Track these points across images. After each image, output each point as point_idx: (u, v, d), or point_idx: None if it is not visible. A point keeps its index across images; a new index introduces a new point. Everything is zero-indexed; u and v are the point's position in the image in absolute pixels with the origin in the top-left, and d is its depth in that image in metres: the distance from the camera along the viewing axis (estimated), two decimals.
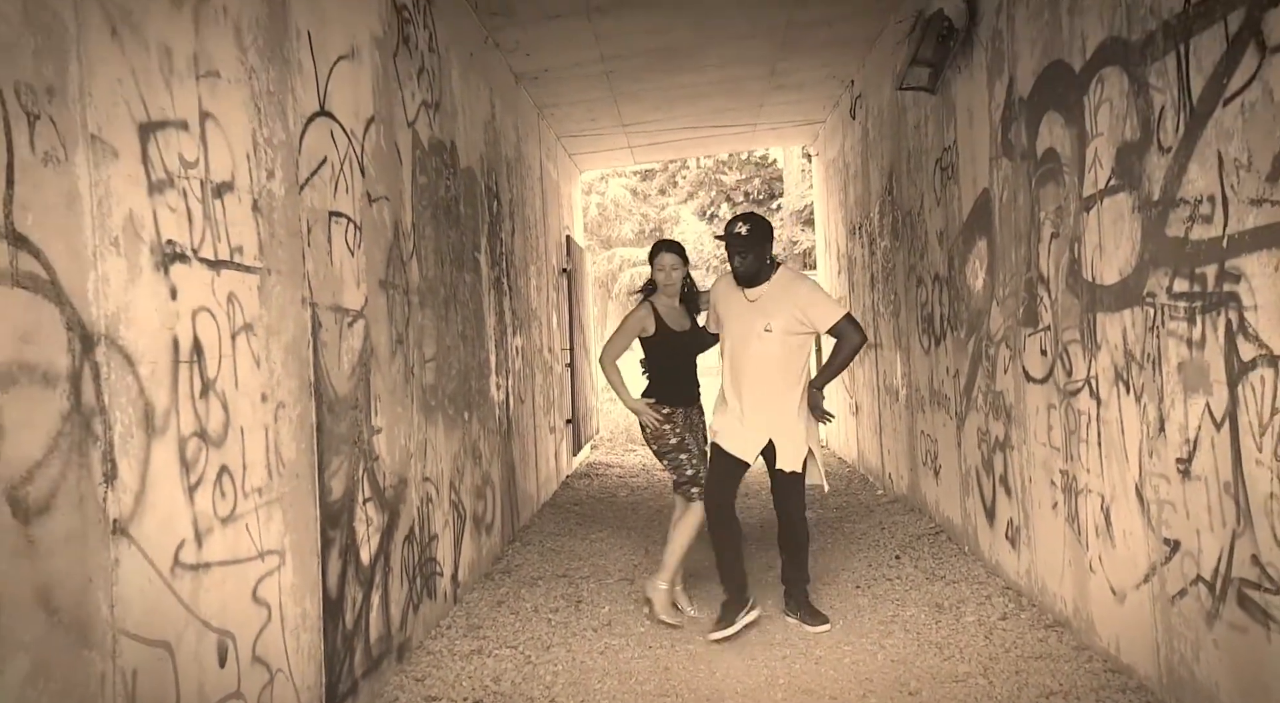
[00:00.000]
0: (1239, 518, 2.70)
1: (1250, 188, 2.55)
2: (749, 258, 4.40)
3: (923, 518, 6.57)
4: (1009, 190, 4.51)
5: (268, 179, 2.93)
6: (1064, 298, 3.92)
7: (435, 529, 4.64)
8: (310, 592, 3.11)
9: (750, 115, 9.86)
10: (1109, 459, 3.58)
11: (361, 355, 3.72)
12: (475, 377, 5.69)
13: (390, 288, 4.11)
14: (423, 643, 4.30)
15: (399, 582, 4.03)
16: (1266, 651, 2.61)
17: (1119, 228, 3.37)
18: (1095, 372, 3.65)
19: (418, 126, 4.68)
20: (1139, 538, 3.36)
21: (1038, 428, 4.32)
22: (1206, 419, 2.84)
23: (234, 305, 2.66)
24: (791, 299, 4.36)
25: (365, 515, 3.67)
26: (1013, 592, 4.74)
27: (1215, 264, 2.75)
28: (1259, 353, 2.56)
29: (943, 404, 5.96)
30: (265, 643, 2.75)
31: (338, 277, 3.49)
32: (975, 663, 3.88)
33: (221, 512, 2.53)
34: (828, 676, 3.88)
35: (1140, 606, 3.39)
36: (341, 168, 3.59)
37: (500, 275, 6.62)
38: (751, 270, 4.42)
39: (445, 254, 5.10)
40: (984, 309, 5.01)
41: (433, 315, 4.78)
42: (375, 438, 3.83)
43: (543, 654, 4.19)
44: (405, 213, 4.38)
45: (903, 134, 6.66)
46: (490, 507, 5.93)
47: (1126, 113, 3.26)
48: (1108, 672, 3.64)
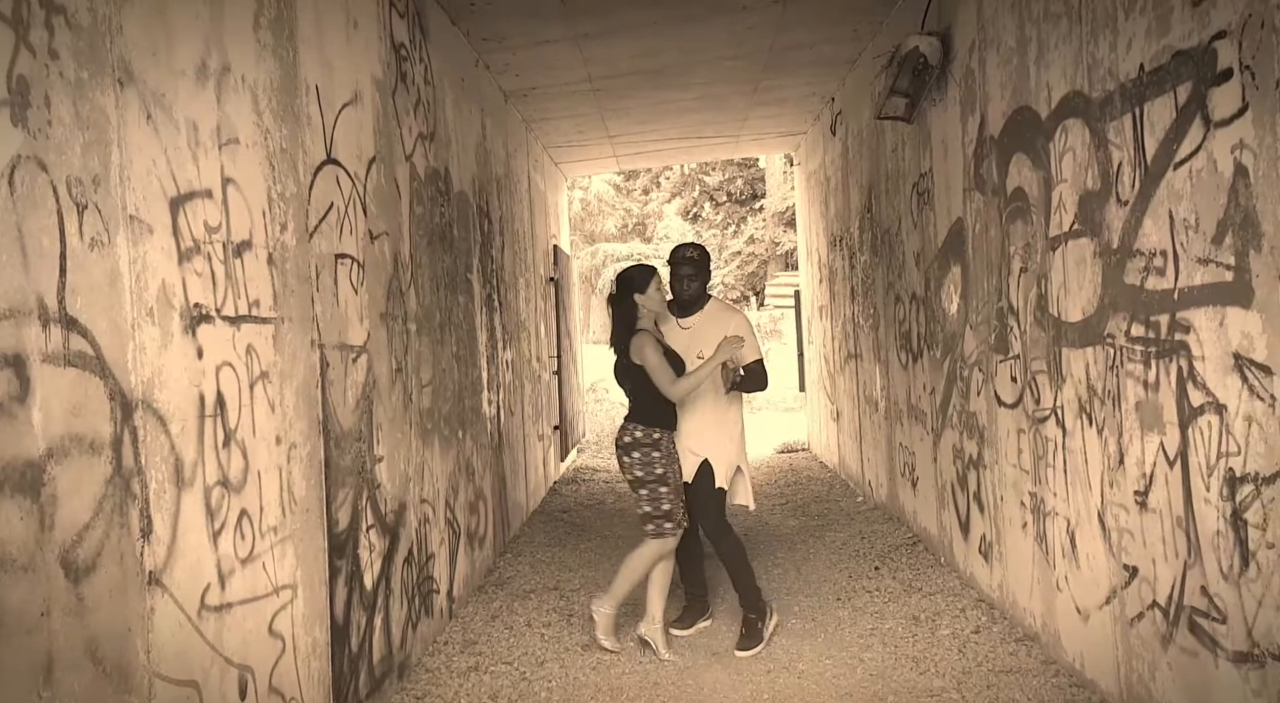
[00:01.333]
0: (1190, 550, 2.92)
1: (1198, 248, 2.76)
2: (695, 284, 4.70)
3: (901, 527, 6.79)
4: (981, 222, 4.71)
5: (281, 232, 3.09)
6: (1032, 330, 4.13)
7: (432, 548, 4.82)
8: (319, 620, 3.28)
9: (734, 127, 10.05)
10: (1074, 485, 3.80)
11: (364, 388, 3.88)
12: (469, 395, 5.86)
13: (390, 319, 4.27)
14: (421, 660, 4.48)
15: (399, 603, 4.20)
16: (1214, 675, 2.83)
17: (1082, 270, 3.58)
18: (1061, 402, 3.87)
19: (415, 159, 4.84)
20: (1101, 562, 3.58)
21: (1009, 450, 4.53)
22: (1161, 457, 3.06)
23: (252, 356, 2.82)
24: (723, 328, 4.64)
25: (368, 542, 3.84)
26: (986, 605, 4.96)
27: (1167, 314, 2.96)
28: (1206, 400, 2.77)
29: (920, 419, 6.18)
30: (280, 674, 2.92)
31: (343, 316, 3.65)
32: (949, 677, 4.09)
33: (242, 553, 2.70)
34: (810, 690, 4.08)
35: (1103, 625, 3.61)
36: (346, 210, 3.75)
37: (491, 292, 6.78)
38: (694, 296, 4.72)
39: (440, 279, 5.27)
40: (958, 332, 5.22)
41: (429, 341, 4.94)
42: (377, 467, 4.00)
43: (537, 670, 4.38)
44: (404, 244, 4.55)
45: (881, 155, 6.86)
46: (483, 520, 6.11)
47: (1088, 163, 3.46)
48: (1073, 686, 3.86)
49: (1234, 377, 2.62)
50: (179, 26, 2.48)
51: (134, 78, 2.24)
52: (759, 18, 6.30)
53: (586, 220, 31.99)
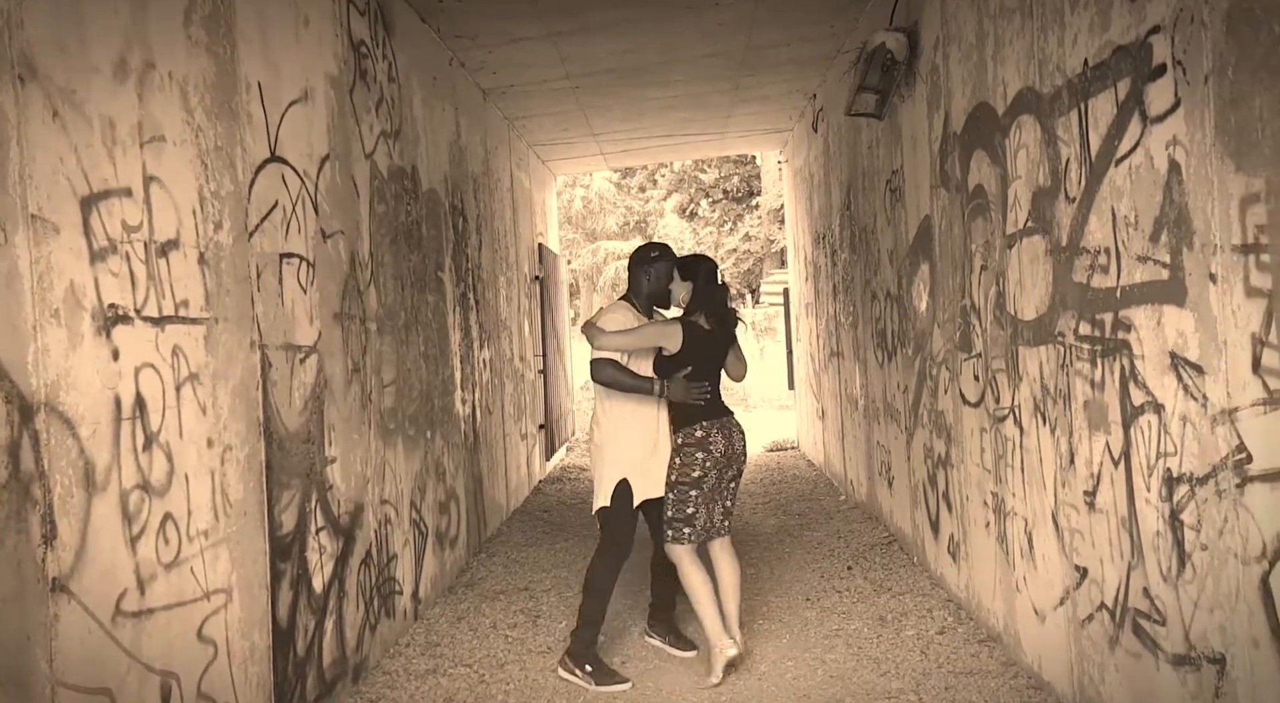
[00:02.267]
0: (1133, 551, 2.87)
1: (1137, 245, 2.71)
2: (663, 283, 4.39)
3: (878, 526, 6.75)
4: (947, 219, 4.67)
5: (215, 231, 3.05)
6: (992, 328, 4.08)
7: (394, 549, 4.78)
8: (259, 625, 3.25)
9: (718, 125, 10.00)
10: (1030, 485, 3.75)
11: (314, 390, 3.84)
12: (439, 395, 5.82)
13: (346, 319, 4.23)
14: (380, 663, 4.45)
15: (354, 605, 4.17)
16: (1156, 678, 2.78)
17: (1035, 268, 3.53)
18: (1018, 401, 3.82)
19: (376, 157, 4.80)
20: (1055, 563, 3.54)
21: (973, 449, 4.49)
22: (1107, 456, 3.01)
23: (179, 358, 2.79)
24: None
25: (318, 544, 3.80)
26: (953, 605, 4.92)
27: (1111, 312, 2.91)
28: (1146, 399, 2.72)
29: (895, 418, 6.13)
30: (211, 680, 2.89)
31: (289, 316, 3.62)
32: (909, 679, 4.05)
33: (165, 558, 2.67)
34: (768, 692, 4.04)
35: (1058, 626, 3.56)
36: (294, 209, 3.71)
37: (466, 291, 6.74)
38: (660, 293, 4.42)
39: (406, 278, 5.23)
40: (927, 330, 5.17)
41: (392, 341, 4.91)
42: (329, 468, 3.96)
43: (496, 673, 4.34)
44: (362, 243, 4.51)
45: (859, 152, 6.81)
46: (454, 521, 6.07)
47: (1040, 160, 3.41)
48: (1030, 688, 3.81)
49: (1170, 376, 2.58)
50: (93, 23, 2.44)
51: (37, 74, 2.20)
52: (730, 14, 6.25)
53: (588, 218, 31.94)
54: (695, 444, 4.18)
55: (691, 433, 4.19)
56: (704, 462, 4.17)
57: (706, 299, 4.24)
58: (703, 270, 4.28)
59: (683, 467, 4.19)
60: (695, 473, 4.17)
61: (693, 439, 4.18)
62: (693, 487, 4.19)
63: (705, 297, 4.24)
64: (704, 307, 4.23)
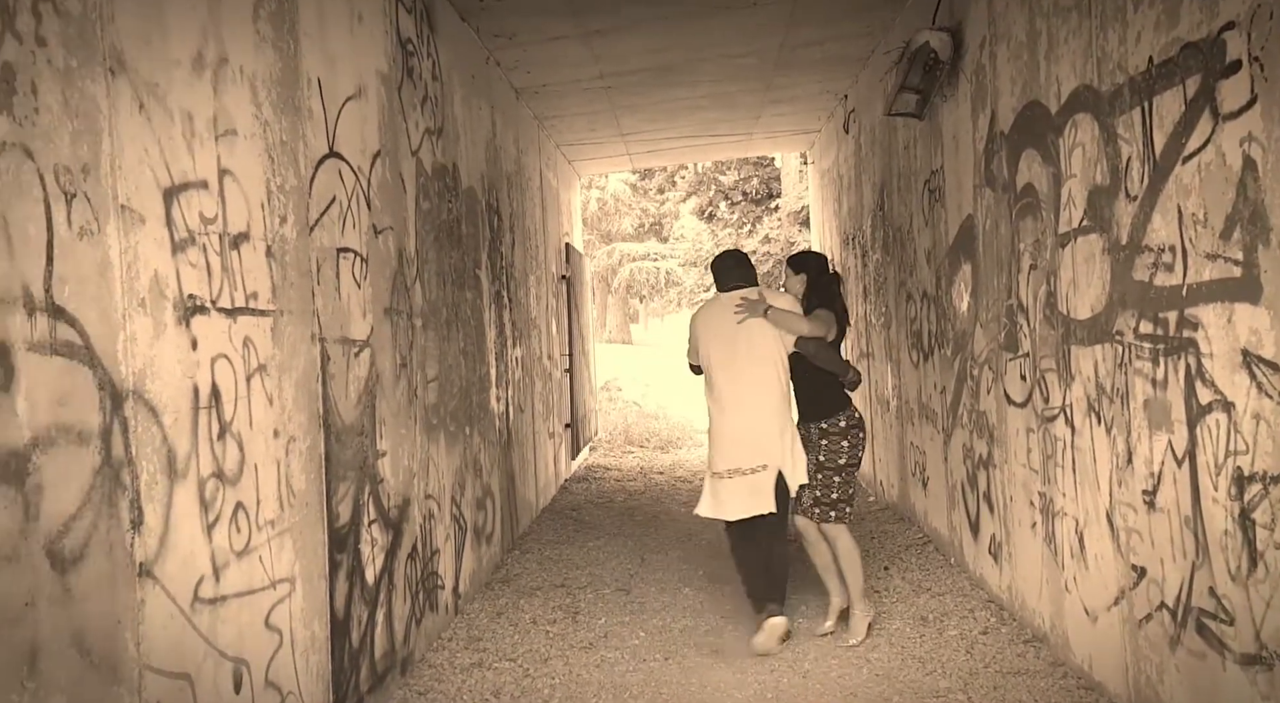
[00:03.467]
0: (1198, 551, 2.87)
1: (1206, 243, 2.71)
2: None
3: (911, 528, 6.73)
4: (991, 219, 4.66)
5: (280, 224, 3.08)
6: (1041, 327, 4.07)
7: (437, 544, 4.81)
8: (318, 615, 3.27)
9: (746, 126, 10.01)
10: (1082, 485, 3.74)
11: (367, 383, 3.87)
12: (476, 391, 5.85)
13: (395, 314, 4.26)
14: (425, 656, 4.47)
15: (402, 598, 4.19)
16: (1222, 677, 2.77)
17: (1090, 266, 3.53)
18: (1070, 401, 3.81)
19: (421, 154, 4.83)
20: (1109, 562, 3.53)
21: (1018, 449, 4.48)
22: (1169, 456, 3.00)
23: (249, 349, 2.82)
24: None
25: (370, 537, 3.83)
26: (995, 605, 4.91)
27: (1176, 311, 2.90)
28: (1214, 398, 2.72)
29: (930, 418, 6.12)
30: (277, 668, 2.92)
31: (345, 309, 3.65)
32: (956, 678, 4.04)
33: (237, 546, 2.70)
34: (814, 689, 4.04)
35: (1111, 626, 3.55)
36: (349, 205, 3.74)
37: (500, 289, 6.77)
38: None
39: (447, 275, 5.26)
40: (968, 330, 5.16)
41: (435, 336, 4.94)
42: (380, 461, 3.99)
43: (540, 668, 4.36)
44: (409, 239, 4.54)
45: (893, 153, 6.80)
46: (490, 517, 6.10)
47: (1097, 158, 3.41)
48: (1081, 688, 3.80)
49: (1242, 374, 2.57)
50: (174, 17, 2.47)
51: (126, 67, 2.23)
52: (768, 15, 6.26)
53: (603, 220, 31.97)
54: (859, 425, 4.62)
55: (854, 414, 4.62)
56: (863, 441, 4.63)
57: (825, 288, 4.73)
58: (813, 263, 4.82)
59: (852, 448, 4.57)
60: (861, 453, 4.61)
61: (856, 420, 4.61)
62: (856, 467, 4.61)
63: (823, 286, 4.73)
64: (824, 296, 4.68)
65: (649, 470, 10.35)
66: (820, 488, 4.56)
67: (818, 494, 4.56)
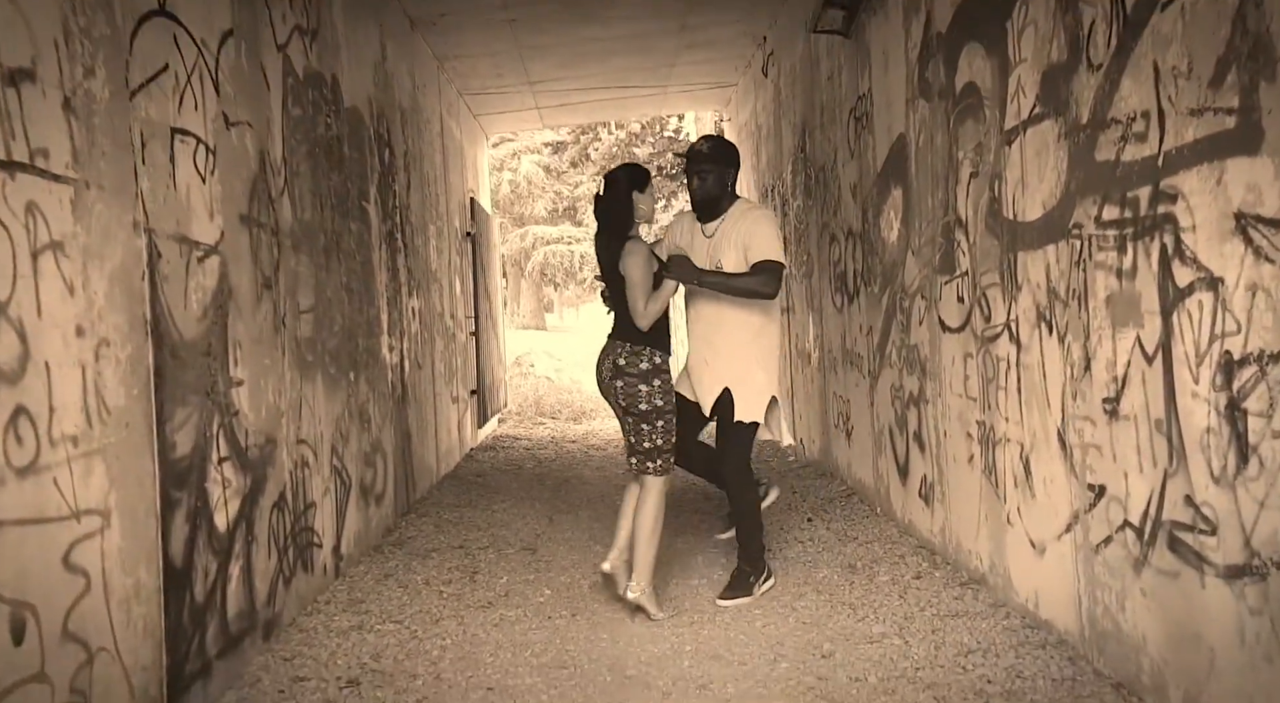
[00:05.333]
0: (1171, 457, 2.53)
1: (1190, 97, 2.35)
2: (709, 180, 3.97)
3: (834, 482, 6.41)
4: (925, 133, 4.30)
5: (85, 77, 2.49)
6: (983, 240, 3.72)
7: (312, 496, 4.23)
8: (146, 559, 2.70)
9: (661, 77, 9.56)
10: (1029, 405, 3.40)
11: (216, 297, 3.29)
12: (363, 335, 5.27)
13: (255, 225, 3.67)
14: (295, 620, 3.90)
15: (266, 552, 3.62)
16: (1199, 597, 2.44)
17: (1043, 159, 3.17)
18: (1016, 315, 3.47)
19: (290, 52, 4.22)
20: (1060, 486, 3.19)
21: (953, 379, 4.14)
22: (1137, 353, 2.66)
23: (35, 218, 2.23)
24: (739, 230, 3.94)
25: (221, 476, 3.25)
26: (926, 551, 4.58)
27: (1149, 185, 2.55)
28: (1196, 277, 2.37)
29: (855, 363, 5.78)
30: (81, 617, 2.34)
31: (183, 203, 3.06)
32: (890, 623, 3.68)
33: (17, 461, 2.12)
34: (737, 640, 3.63)
35: (1061, 557, 3.22)
36: (189, 81, 3.14)
37: (394, 229, 6.18)
38: (710, 196, 3.99)
39: (326, 198, 4.66)
40: (898, 261, 4.82)
41: (310, 263, 4.35)
42: (235, 391, 3.41)
43: (430, 629, 3.84)
44: (274, 144, 3.94)
45: (816, 86, 6.43)
46: (381, 476, 5.52)
47: (1053, 33, 3.05)
48: (1026, 628, 3.47)
49: (1234, 242, 2.22)
50: None
51: None
52: None
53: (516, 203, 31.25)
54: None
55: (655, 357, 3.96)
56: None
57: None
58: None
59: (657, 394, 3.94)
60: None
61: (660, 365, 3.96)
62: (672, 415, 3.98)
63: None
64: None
65: (561, 440, 9.87)
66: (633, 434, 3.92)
67: (631, 441, 3.94)
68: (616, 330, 3.96)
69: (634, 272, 3.77)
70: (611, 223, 3.90)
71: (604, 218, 3.93)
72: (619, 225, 3.88)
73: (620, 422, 4.01)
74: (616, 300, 3.94)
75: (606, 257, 3.92)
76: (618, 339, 3.92)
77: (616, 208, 3.87)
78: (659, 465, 3.89)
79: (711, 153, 3.99)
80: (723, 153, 4.02)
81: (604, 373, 3.94)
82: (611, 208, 3.89)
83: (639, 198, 3.88)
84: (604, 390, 3.98)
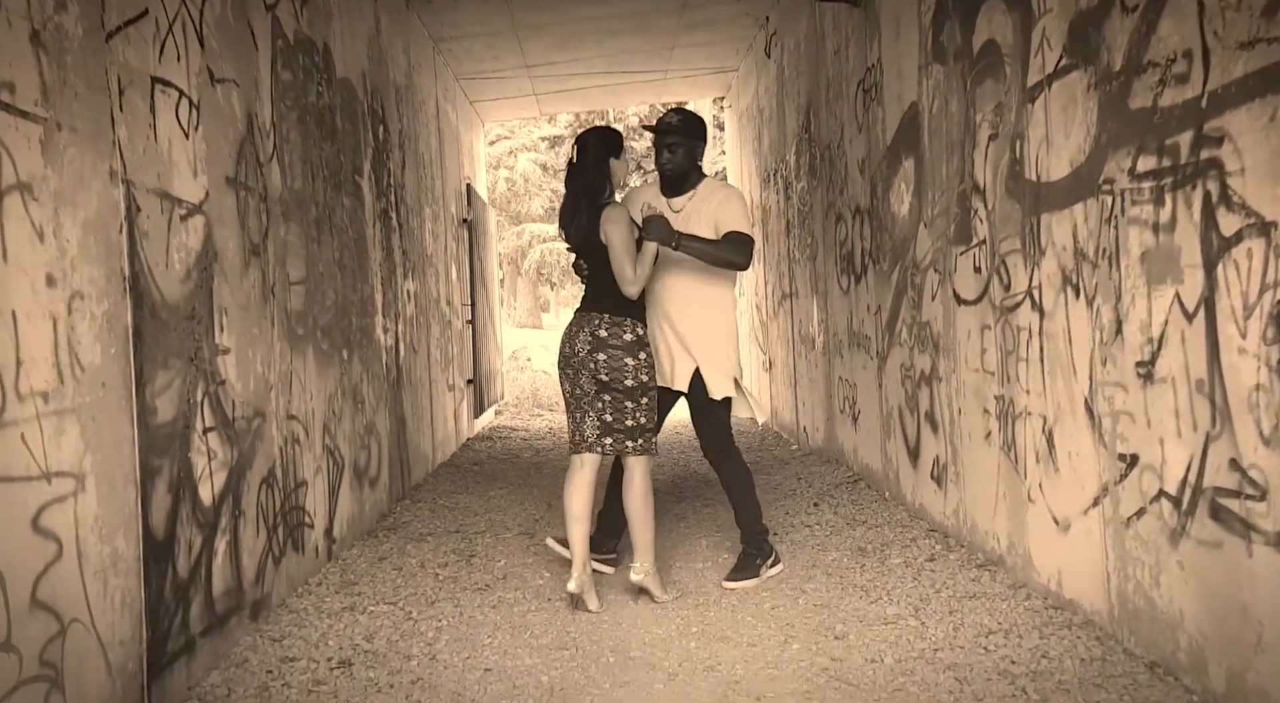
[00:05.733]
0: (1214, 419, 2.38)
1: (1239, 30, 2.20)
2: (679, 152, 3.88)
3: (840, 468, 6.26)
4: (940, 99, 4.15)
5: (56, 10, 2.33)
6: (1003, 205, 3.57)
7: (303, 475, 4.07)
8: (124, 528, 2.54)
9: (661, 60, 9.39)
10: (1053, 375, 3.25)
11: (201, 259, 3.13)
12: (357, 313, 5.11)
13: (242, 189, 3.51)
14: (286, 601, 3.75)
15: (254, 529, 3.46)
16: (1245, 567, 2.29)
17: (1069, 113, 3.02)
18: (1038, 281, 3.32)
19: (280, 13, 4.06)
20: (1088, 458, 3.04)
21: (969, 354, 3.99)
22: (1175, 312, 2.51)
23: None
24: (710, 207, 3.87)
25: (206, 447, 3.09)
26: (939, 534, 4.43)
27: (1190, 130, 2.40)
28: (1245, 223, 2.22)
29: (863, 345, 5.63)
30: (51, 585, 2.18)
31: (164, 157, 2.90)
32: (905, 605, 3.53)
33: None
34: (745, 622, 3.48)
35: (1087, 533, 3.07)
36: (171, 29, 2.98)
37: (388, 208, 6.02)
38: (680, 170, 3.91)
39: (318, 168, 4.50)
40: (910, 235, 4.66)
41: (300, 233, 4.19)
42: (221, 359, 3.25)
43: (425, 610, 3.68)
44: (262, 107, 3.78)
45: (821, 64, 6.28)
46: (375, 459, 5.36)
47: None
48: (1049, 608, 3.32)
49: None
50: None
51: None
52: None
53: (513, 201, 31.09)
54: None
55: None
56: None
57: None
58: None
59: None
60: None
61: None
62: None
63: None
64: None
65: (558, 431, 9.69)
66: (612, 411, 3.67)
67: (606, 420, 3.66)
68: (590, 302, 3.75)
69: (616, 237, 3.61)
70: (588, 188, 3.71)
71: (577, 184, 3.75)
72: (594, 191, 3.70)
73: (583, 403, 3.68)
74: (595, 270, 3.77)
75: (578, 225, 3.74)
76: (593, 311, 3.69)
77: (591, 174, 3.70)
78: (641, 444, 3.69)
79: (681, 126, 3.89)
80: (691, 126, 3.92)
81: (579, 346, 3.66)
82: (585, 174, 3.71)
83: (615, 164, 3.73)
84: (573, 366, 3.69)
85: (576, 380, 3.71)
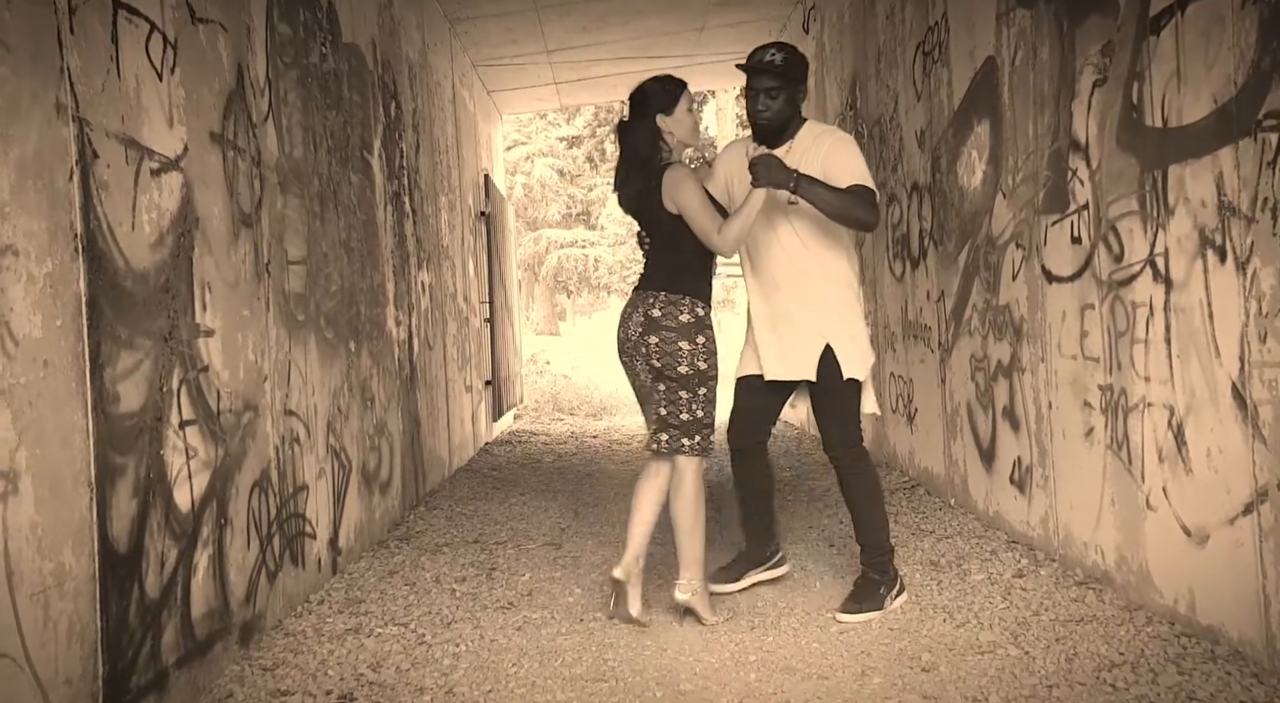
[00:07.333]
0: None
1: None
2: (779, 99, 3.19)
3: (893, 473, 5.74)
4: (1026, 47, 3.65)
5: None
6: (1111, 161, 3.06)
7: (304, 478, 3.61)
8: (72, 539, 2.07)
9: (689, 43, 8.93)
10: (1184, 358, 2.74)
11: (178, 223, 2.67)
12: (366, 302, 4.64)
13: (231, 147, 3.05)
14: (281, 622, 3.27)
15: (243, 540, 2.99)
16: None
17: (1213, 39, 2.52)
18: (1164, 246, 2.80)
19: None
20: (1236, 455, 2.52)
21: (1063, 339, 3.47)
22: None
23: None
24: (817, 156, 3.18)
25: (184, 443, 2.62)
26: (1022, 546, 3.91)
27: None
28: None
29: (921, 336, 5.12)
30: None
31: (130, 97, 2.44)
32: (1000, 630, 3.01)
33: None
34: (811, 650, 2.98)
35: (1235, 546, 2.55)
36: None
37: (401, 192, 5.56)
38: (780, 119, 3.22)
39: (321, 137, 4.05)
40: (983, 209, 4.15)
41: (301, 207, 3.73)
42: (203, 342, 2.78)
43: (441, 633, 3.20)
44: (255, 59, 3.32)
45: (870, 31, 5.78)
46: (386, 462, 4.89)
47: None
48: (1180, 636, 2.80)
49: None
50: None
51: None
52: None
53: (530, 207, 30.77)
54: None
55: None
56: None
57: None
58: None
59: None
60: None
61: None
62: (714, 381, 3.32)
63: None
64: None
65: (581, 435, 9.22)
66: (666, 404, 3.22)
67: (661, 413, 3.23)
68: (645, 278, 3.27)
69: (688, 197, 3.09)
70: (637, 155, 3.18)
71: (625, 149, 3.24)
72: (643, 158, 3.17)
73: (645, 393, 3.28)
74: (652, 241, 3.28)
75: (628, 190, 3.25)
76: (648, 289, 3.21)
77: (638, 136, 3.17)
78: (696, 443, 3.20)
79: (785, 66, 3.20)
80: (795, 67, 3.24)
81: (632, 329, 3.20)
82: (631, 136, 3.19)
83: (666, 121, 3.16)
84: (628, 352, 3.23)
85: (633, 369, 3.26)
